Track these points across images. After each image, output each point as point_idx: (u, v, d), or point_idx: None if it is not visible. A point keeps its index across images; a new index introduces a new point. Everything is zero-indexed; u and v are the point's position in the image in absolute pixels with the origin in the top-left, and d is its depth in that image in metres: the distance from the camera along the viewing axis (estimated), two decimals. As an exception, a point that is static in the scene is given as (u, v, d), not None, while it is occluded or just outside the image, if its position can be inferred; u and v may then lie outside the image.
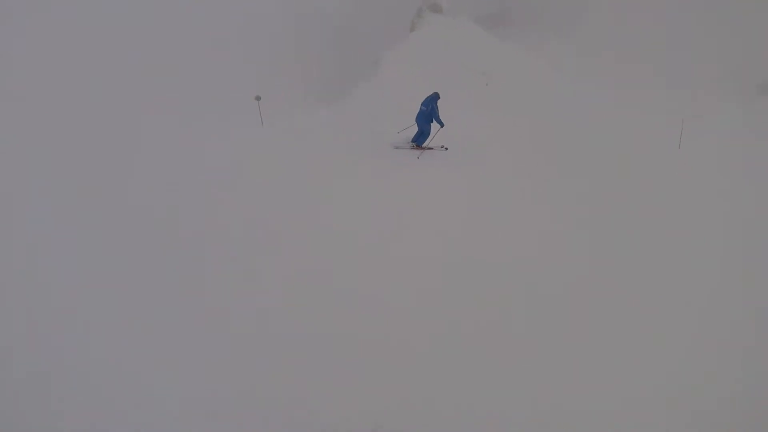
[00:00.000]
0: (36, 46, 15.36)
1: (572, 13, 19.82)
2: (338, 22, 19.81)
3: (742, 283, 6.52)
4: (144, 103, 13.35)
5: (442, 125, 11.04)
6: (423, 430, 5.65)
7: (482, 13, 19.63)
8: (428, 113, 11.05)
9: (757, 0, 17.82)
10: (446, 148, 11.48)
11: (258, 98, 12.16)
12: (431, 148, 11.45)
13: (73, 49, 15.23)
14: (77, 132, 11.54)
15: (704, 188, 9.53)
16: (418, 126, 11.27)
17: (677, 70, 16.86)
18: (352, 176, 10.15)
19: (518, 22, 20.20)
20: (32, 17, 16.36)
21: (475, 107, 12.93)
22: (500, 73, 14.52)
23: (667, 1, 19.05)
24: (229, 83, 15.51)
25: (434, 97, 11.11)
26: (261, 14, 19.29)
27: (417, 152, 11.33)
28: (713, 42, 17.29)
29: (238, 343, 6.71)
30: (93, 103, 12.94)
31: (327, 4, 20.26)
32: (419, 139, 11.41)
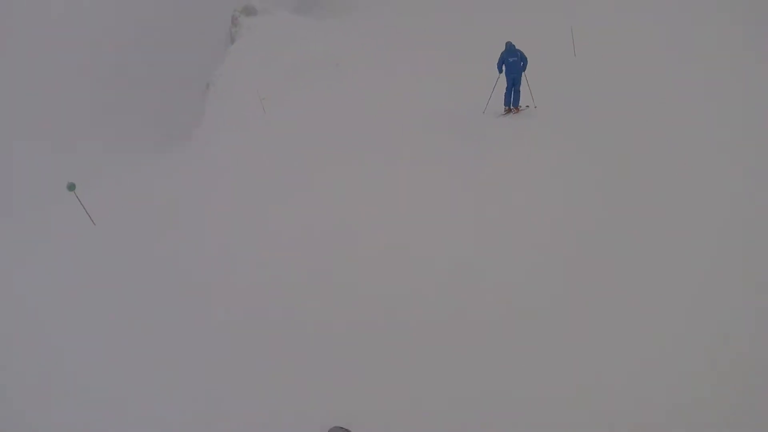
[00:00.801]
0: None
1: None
2: (151, 53, 17.77)
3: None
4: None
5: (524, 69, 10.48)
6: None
7: (296, 3, 18.94)
8: (519, 60, 10.34)
9: None
10: (536, 106, 10.81)
11: (72, 187, 8.73)
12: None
13: None
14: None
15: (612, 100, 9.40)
16: (510, 82, 10.53)
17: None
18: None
19: (332, 6, 19.64)
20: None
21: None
22: (348, 54, 14.17)
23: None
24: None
25: (511, 45, 10.42)
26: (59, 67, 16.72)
27: (508, 115, 10.76)
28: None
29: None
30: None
31: (130, 38, 18.05)
32: (516, 99, 10.68)
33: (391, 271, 7.79)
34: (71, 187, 8.83)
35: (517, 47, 10.66)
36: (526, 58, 10.60)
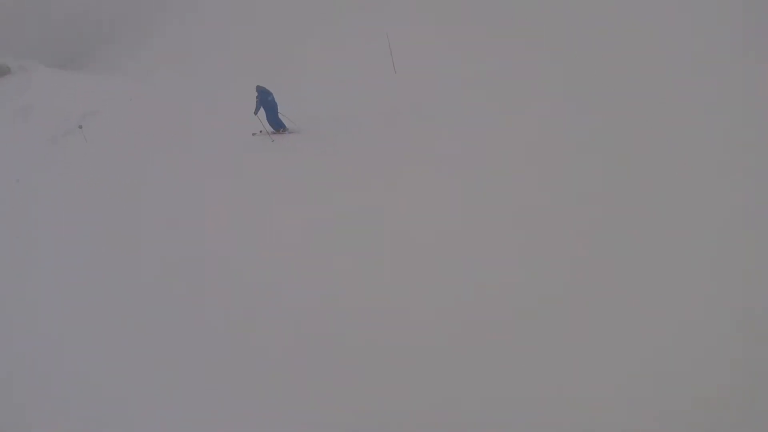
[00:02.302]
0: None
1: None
2: None
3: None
4: None
5: (255, 114, 11.74)
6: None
7: (54, 61, 18.42)
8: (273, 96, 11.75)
9: None
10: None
11: None
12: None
13: None
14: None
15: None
16: (274, 113, 11.86)
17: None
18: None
19: (95, 62, 19.37)
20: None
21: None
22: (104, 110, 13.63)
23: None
24: None
25: (262, 87, 11.70)
26: None
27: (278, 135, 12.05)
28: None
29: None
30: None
31: None
32: (275, 125, 12.02)
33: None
34: None
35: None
36: (258, 101, 11.73)
